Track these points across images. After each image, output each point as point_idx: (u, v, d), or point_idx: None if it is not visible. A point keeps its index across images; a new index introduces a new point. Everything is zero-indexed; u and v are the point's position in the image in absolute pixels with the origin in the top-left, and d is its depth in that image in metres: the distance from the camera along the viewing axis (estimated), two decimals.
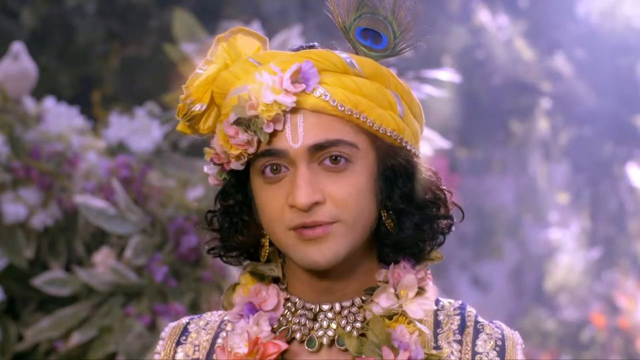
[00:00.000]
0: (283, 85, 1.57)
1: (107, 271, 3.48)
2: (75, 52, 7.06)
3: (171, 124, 3.95)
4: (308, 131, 1.58)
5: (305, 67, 1.58)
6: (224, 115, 1.61)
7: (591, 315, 11.62)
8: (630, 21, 11.61)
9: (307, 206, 1.56)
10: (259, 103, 1.57)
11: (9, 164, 3.60)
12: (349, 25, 1.64)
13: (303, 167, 1.58)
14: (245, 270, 1.70)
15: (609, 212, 12.59)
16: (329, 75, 1.59)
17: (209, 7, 7.02)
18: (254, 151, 1.59)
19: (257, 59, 1.62)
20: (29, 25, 6.69)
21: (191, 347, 1.72)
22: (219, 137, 1.61)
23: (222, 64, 1.64)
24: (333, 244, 1.58)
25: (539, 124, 11.68)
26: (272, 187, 1.60)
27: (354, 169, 1.59)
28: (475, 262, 10.59)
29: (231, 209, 1.67)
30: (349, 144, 1.58)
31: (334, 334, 1.63)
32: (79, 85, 7.04)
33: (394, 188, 1.62)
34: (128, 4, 7.10)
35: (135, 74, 7.35)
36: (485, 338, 1.65)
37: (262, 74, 1.58)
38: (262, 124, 1.57)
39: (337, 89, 1.59)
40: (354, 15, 1.63)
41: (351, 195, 1.58)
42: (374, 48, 1.64)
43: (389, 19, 1.63)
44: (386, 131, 1.61)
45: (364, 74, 1.61)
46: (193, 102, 1.64)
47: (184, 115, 1.65)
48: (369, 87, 1.60)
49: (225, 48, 1.64)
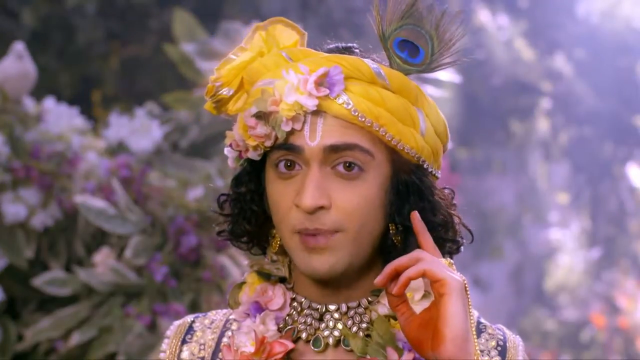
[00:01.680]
0: (307, 87, 1.56)
1: (107, 271, 3.48)
2: (75, 52, 7.06)
3: (171, 124, 3.95)
4: (326, 132, 1.57)
5: (333, 72, 1.57)
6: (248, 104, 1.61)
7: (591, 315, 11.62)
8: (630, 21, 11.61)
9: (311, 209, 1.55)
10: (281, 100, 1.57)
11: (9, 164, 3.59)
12: (388, 34, 1.62)
13: (315, 168, 1.57)
14: (252, 269, 1.69)
15: (609, 212, 12.59)
16: (356, 83, 1.58)
17: (209, 7, 7.02)
18: (271, 144, 1.58)
19: (290, 54, 1.61)
20: (29, 25, 6.69)
21: (196, 346, 1.71)
22: (239, 125, 1.61)
23: (257, 52, 1.63)
24: (333, 255, 1.57)
25: (539, 124, 11.69)
26: (283, 183, 1.59)
27: (366, 178, 1.58)
28: (475, 262, 10.59)
29: (242, 196, 1.66)
30: (365, 151, 1.57)
31: (339, 334, 1.63)
32: (79, 85, 7.04)
33: (405, 204, 1.60)
34: (128, 4, 7.10)
35: (135, 74, 7.35)
36: (487, 337, 1.66)
37: (289, 72, 1.57)
38: (281, 121, 1.56)
39: (361, 98, 1.57)
40: (396, 25, 1.62)
41: (358, 206, 1.57)
42: (409, 61, 1.62)
43: (432, 34, 1.61)
44: (404, 147, 1.59)
45: (391, 87, 1.59)
46: (222, 85, 1.63)
47: (212, 97, 1.65)
48: (394, 101, 1.59)
49: (262, 37, 1.63)
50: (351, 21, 7.46)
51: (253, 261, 1.70)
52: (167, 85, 6.27)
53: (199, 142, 3.94)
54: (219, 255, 3.56)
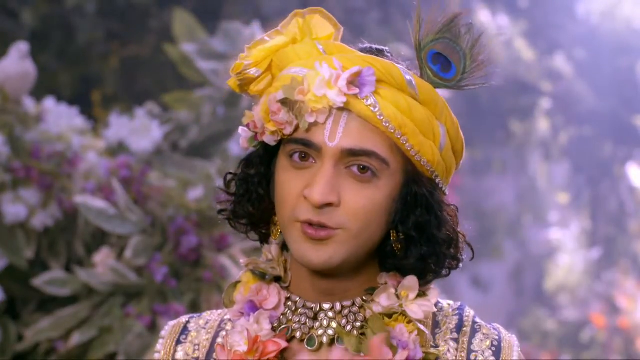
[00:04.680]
0: (338, 84, 1.56)
1: (107, 271, 3.48)
2: (75, 52, 7.06)
3: (171, 124, 3.95)
4: (347, 134, 1.57)
5: (366, 73, 1.57)
6: (274, 88, 1.61)
7: (591, 315, 11.62)
8: (630, 21, 11.62)
9: (320, 204, 1.56)
10: (309, 91, 1.57)
11: (9, 164, 3.59)
12: (424, 45, 1.62)
13: (329, 165, 1.57)
14: (247, 268, 1.69)
15: (609, 212, 12.60)
16: (386, 88, 1.58)
17: (209, 7, 7.02)
18: (289, 133, 1.58)
19: (324, 46, 1.61)
20: (29, 25, 6.69)
21: (191, 347, 1.72)
22: (261, 108, 1.61)
23: (291, 38, 1.63)
24: (331, 249, 1.58)
25: (539, 124, 11.69)
26: (295, 172, 1.59)
27: (377, 184, 1.58)
28: (475, 262, 10.58)
29: (251, 178, 1.66)
30: (382, 160, 1.58)
31: (334, 333, 1.63)
32: (79, 85, 7.03)
33: (410, 215, 1.61)
34: (128, 4, 7.10)
35: (135, 74, 7.35)
36: (481, 337, 1.65)
37: (322, 65, 1.57)
38: (306, 112, 1.57)
39: (388, 104, 1.57)
40: (433, 37, 1.62)
41: (364, 209, 1.58)
42: (440, 75, 1.63)
43: (466, 53, 1.62)
44: (421, 159, 1.60)
45: (419, 97, 1.60)
46: (250, 64, 1.63)
47: (238, 74, 1.64)
48: (420, 113, 1.59)
49: (299, 24, 1.64)
50: (351, 21, 7.46)
51: (248, 260, 1.70)
52: (167, 85, 6.27)
53: (199, 142, 3.94)
54: (219, 255, 3.56)
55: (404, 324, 1.61)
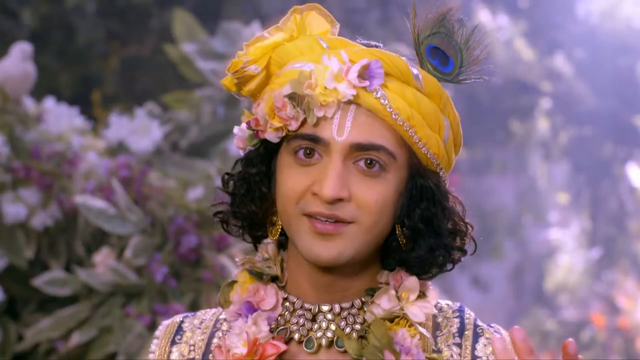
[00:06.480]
0: (348, 76, 1.56)
1: (107, 271, 3.48)
2: (75, 52, 7.06)
3: (171, 124, 3.95)
4: (355, 128, 1.56)
5: (374, 66, 1.57)
6: (277, 84, 1.60)
7: (591, 315, 11.62)
8: (630, 21, 11.62)
9: (331, 199, 1.55)
10: (318, 85, 1.56)
11: (9, 164, 3.59)
12: (422, 39, 1.63)
13: (338, 160, 1.56)
14: (243, 267, 1.68)
15: (609, 212, 12.60)
16: (393, 81, 1.58)
17: (209, 7, 7.02)
18: (294, 129, 1.57)
19: (326, 41, 1.61)
20: (29, 25, 6.69)
21: (186, 347, 1.70)
22: (266, 105, 1.59)
23: (289, 34, 1.63)
24: (341, 244, 1.57)
25: (539, 124, 11.70)
26: (300, 169, 1.58)
27: (386, 177, 1.58)
28: (475, 262, 10.59)
29: (252, 177, 1.64)
30: (389, 153, 1.57)
31: (332, 335, 1.62)
32: (79, 85, 7.03)
33: (416, 208, 1.61)
34: (128, 4, 7.10)
35: (135, 74, 7.35)
36: (484, 342, 1.65)
37: (331, 58, 1.57)
38: (314, 106, 1.56)
39: (397, 96, 1.57)
40: (429, 32, 1.63)
41: (377, 203, 1.57)
42: (439, 69, 1.63)
43: (461, 47, 1.63)
44: (428, 152, 1.60)
45: (425, 90, 1.60)
46: (250, 61, 1.61)
47: (236, 72, 1.62)
48: (426, 105, 1.60)
49: (296, 20, 1.63)
50: (351, 21, 7.46)
51: (244, 259, 1.69)
52: (167, 85, 6.27)
53: (199, 142, 3.94)
54: (219, 255, 3.56)
55: (406, 328, 1.60)
